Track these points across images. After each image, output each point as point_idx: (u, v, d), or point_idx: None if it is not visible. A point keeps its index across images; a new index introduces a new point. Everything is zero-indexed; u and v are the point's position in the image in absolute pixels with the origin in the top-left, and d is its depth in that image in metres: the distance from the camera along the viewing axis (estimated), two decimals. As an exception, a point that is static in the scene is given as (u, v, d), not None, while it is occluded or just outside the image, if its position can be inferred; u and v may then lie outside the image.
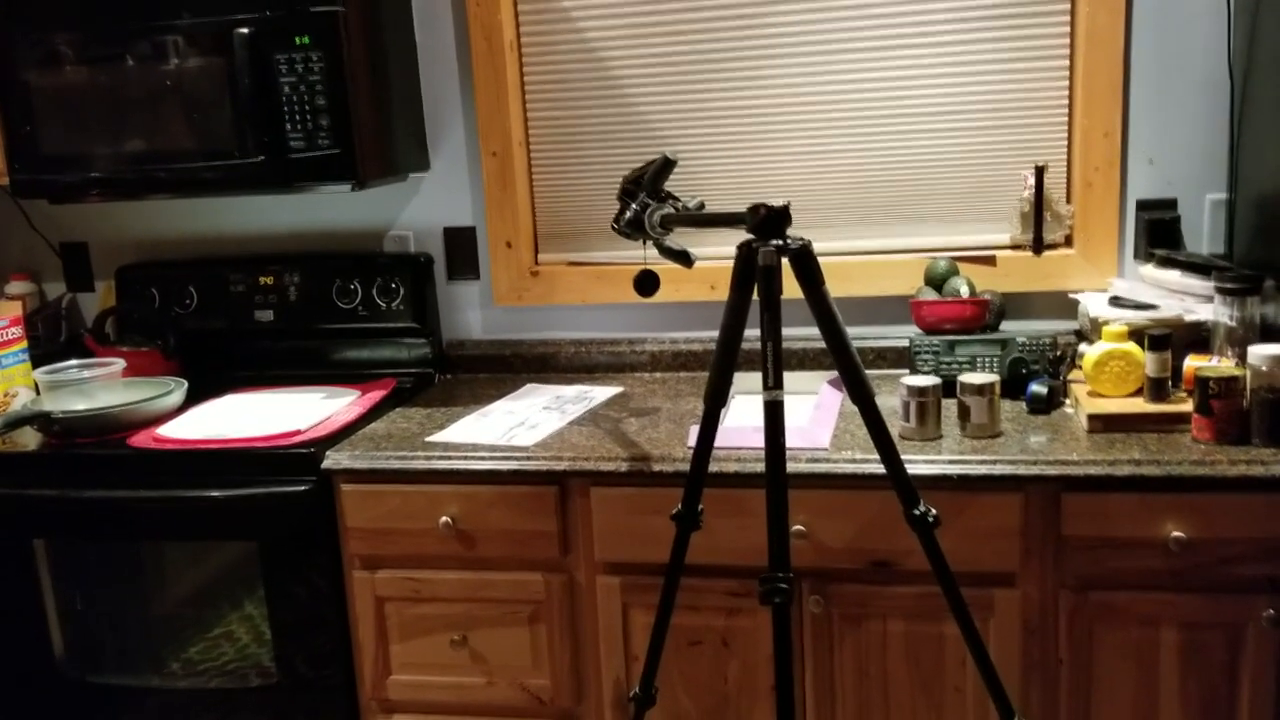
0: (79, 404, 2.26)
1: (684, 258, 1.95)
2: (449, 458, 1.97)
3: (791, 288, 1.52)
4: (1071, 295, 2.24)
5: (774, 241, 1.51)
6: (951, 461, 1.79)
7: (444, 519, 1.97)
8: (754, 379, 2.14)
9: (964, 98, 2.30)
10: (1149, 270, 2.15)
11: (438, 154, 2.52)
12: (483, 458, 1.95)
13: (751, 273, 1.54)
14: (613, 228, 1.97)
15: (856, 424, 1.98)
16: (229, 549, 2.11)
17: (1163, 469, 1.71)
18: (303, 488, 2.02)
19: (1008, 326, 2.29)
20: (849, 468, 1.81)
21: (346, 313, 2.53)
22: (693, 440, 1.94)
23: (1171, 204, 2.25)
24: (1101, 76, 2.21)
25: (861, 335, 2.37)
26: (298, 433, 2.11)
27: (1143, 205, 2.26)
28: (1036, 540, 1.80)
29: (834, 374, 2.30)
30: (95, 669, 2.22)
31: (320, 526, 2.05)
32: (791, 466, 1.80)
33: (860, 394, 1.57)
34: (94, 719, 2.23)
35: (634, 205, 1.91)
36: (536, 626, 2.00)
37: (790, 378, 2.26)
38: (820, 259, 1.55)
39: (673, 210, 1.88)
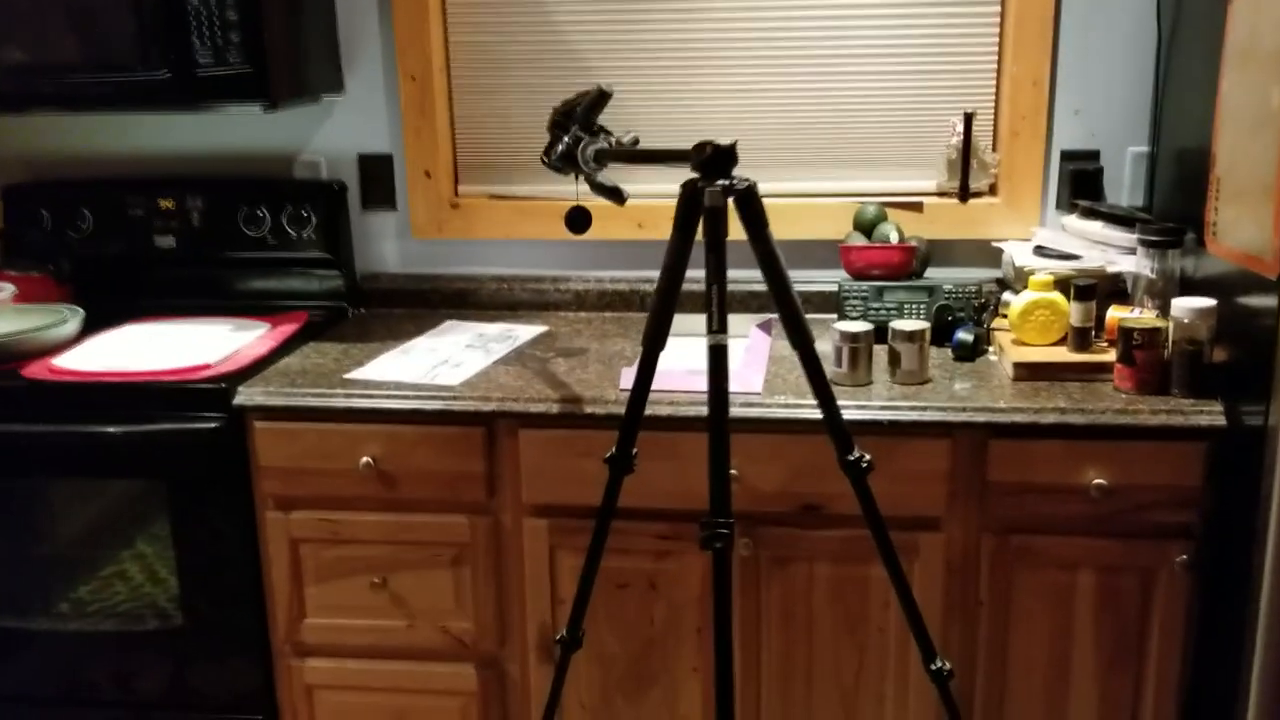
0: (-36, 332, 2.12)
1: (616, 194, 1.89)
2: (371, 396, 1.90)
3: (731, 229, 1.49)
4: (995, 244, 2.26)
5: (720, 181, 1.47)
6: (883, 407, 1.79)
7: (365, 459, 1.90)
8: (687, 321, 2.12)
9: (896, 41, 2.27)
10: (1072, 221, 2.18)
11: (352, 76, 2.40)
12: (407, 397, 1.89)
13: (695, 213, 1.51)
14: (542, 161, 1.90)
15: (786, 368, 1.98)
16: (124, 486, 2.00)
17: (1087, 417, 1.75)
18: (213, 425, 1.93)
19: (932, 273, 2.30)
20: (782, 413, 1.80)
21: (254, 241, 2.41)
22: (624, 382, 1.91)
23: (1094, 155, 2.27)
24: (1032, 24, 2.21)
25: (788, 278, 2.35)
26: (207, 366, 2.01)
27: (1067, 156, 2.28)
28: (962, 485, 1.82)
29: (762, 317, 2.29)
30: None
31: (230, 465, 1.96)
32: (725, 410, 1.78)
33: (801, 340, 1.55)
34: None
35: (566, 138, 1.85)
36: (460, 569, 1.96)
37: (718, 319, 2.23)
38: (750, 200, 1.51)
39: (607, 145, 1.82)
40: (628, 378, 1.92)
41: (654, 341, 1.59)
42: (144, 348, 2.12)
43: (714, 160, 1.48)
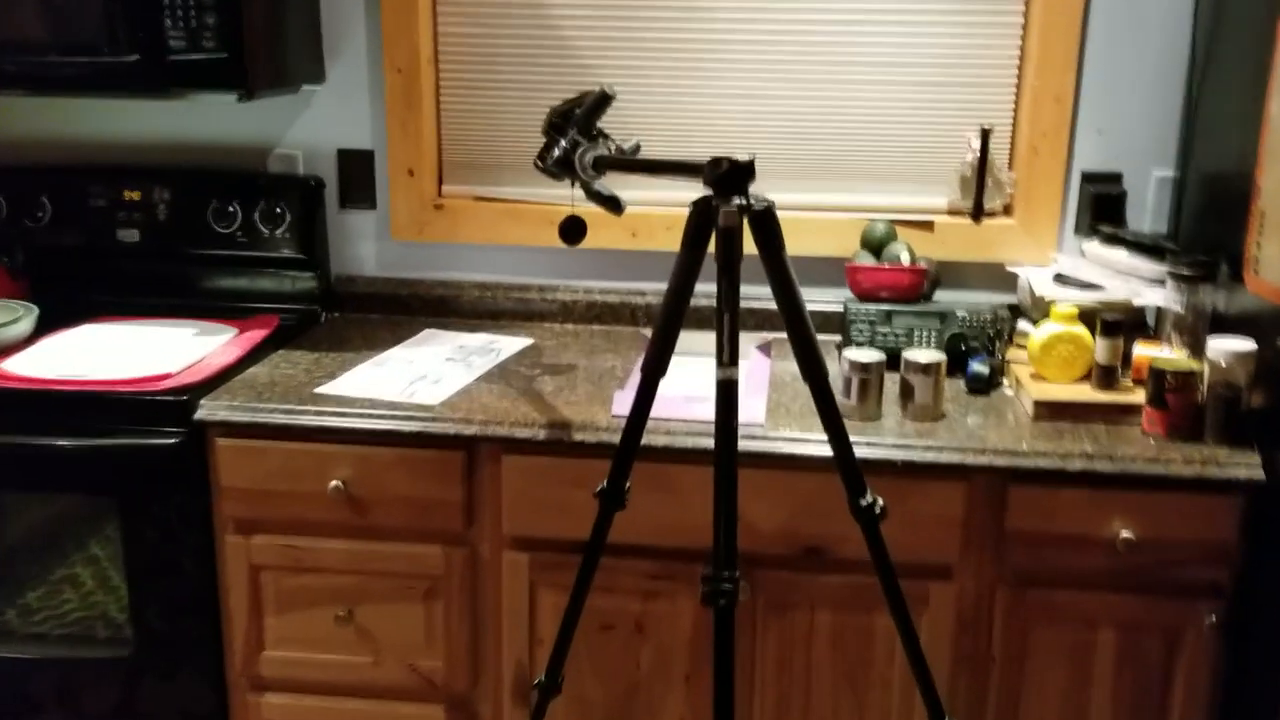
0: (-96, 328, 1.96)
1: (614, 204, 1.75)
2: (343, 414, 1.76)
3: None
4: (1010, 268, 2.14)
5: (736, 200, 1.34)
6: (896, 446, 1.67)
7: (334, 482, 1.76)
8: (684, 339, 1.98)
9: (911, 49, 2.14)
10: (1093, 247, 2.06)
11: (334, 65, 2.25)
12: (382, 416, 1.75)
13: (706, 231, 1.38)
14: (536, 165, 1.76)
15: (789, 396, 1.85)
16: (72, 501, 1.85)
17: (1116, 465, 1.62)
18: (172, 440, 1.79)
19: (941, 296, 2.17)
20: (787, 447, 1.67)
21: (223, 238, 2.26)
22: (617, 408, 1.77)
23: (1117, 178, 2.15)
24: (1057, 36, 2.09)
25: (790, 296, 2.22)
26: (168, 376, 1.86)
27: (1088, 178, 2.16)
28: (977, 532, 1.70)
29: (761, 338, 2.16)
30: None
31: (189, 484, 1.81)
32: (725, 443, 1.65)
33: (814, 373, 1.43)
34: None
35: (563, 142, 1.71)
36: (432, 603, 1.82)
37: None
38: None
39: (607, 152, 1.69)
40: (620, 402, 1.79)
41: (655, 368, 1.45)
42: (101, 351, 1.97)
43: (730, 177, 1.35)
